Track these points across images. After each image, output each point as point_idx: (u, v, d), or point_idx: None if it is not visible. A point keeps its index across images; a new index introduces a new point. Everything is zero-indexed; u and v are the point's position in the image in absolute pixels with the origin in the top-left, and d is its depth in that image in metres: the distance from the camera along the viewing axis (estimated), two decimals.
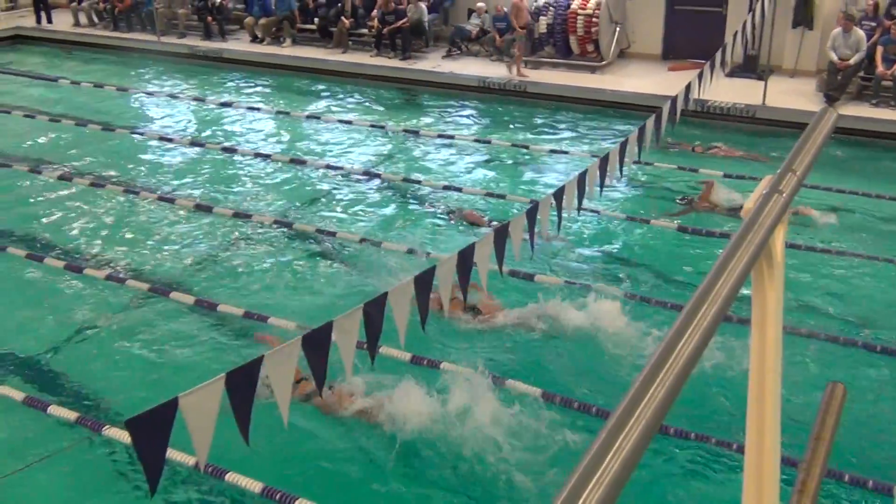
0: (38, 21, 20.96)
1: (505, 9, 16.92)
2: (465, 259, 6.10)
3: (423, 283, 5.78)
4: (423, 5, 17.45)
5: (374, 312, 5.29)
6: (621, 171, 8.67)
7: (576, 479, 0.78)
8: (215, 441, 3.93)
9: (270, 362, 4.55)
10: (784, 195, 1.38)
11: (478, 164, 12.74)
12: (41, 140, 13.90)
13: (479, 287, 7.69)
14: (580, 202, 7.84)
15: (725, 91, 13.95)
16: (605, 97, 14.98)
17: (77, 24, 20.89)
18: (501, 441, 6.38)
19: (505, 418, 6.64)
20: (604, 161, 8.09)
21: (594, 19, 16.03)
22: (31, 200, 11.37)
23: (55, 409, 6.67)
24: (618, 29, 16.48)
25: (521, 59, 15.85)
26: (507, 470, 6.12)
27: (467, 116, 15.18)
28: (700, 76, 10.17)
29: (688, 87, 9.84)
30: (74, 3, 21.19)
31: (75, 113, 15.07)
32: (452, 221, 10.50)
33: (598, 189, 8.04)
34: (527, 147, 13.16)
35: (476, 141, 13.61)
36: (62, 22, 21.06)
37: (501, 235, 6.51)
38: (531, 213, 6.93)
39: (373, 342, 5.32)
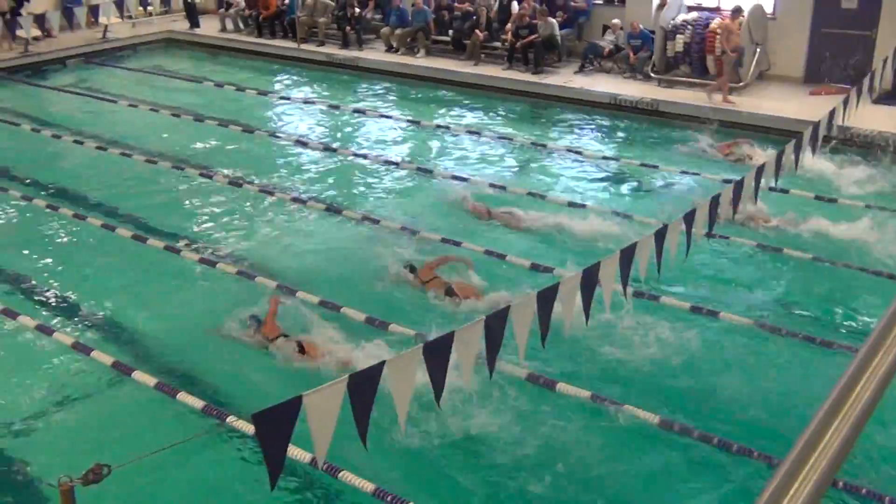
0: (192, 26, 22.03)
1: (641, 26, 16.63)
2: (590, 277, 6.03)
3: (546, 298, 5.75)
4: (554, 20, 17.37)
5: (496, 325, 5.30)
6: (756, 196, 8.40)
7: None
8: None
9: (391, 368, 4.61)
10: None
11: (605, 182, 12.56)
12: (185, 139, 14.59)
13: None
14: (711, 226, 7.64)
15: (871, 118, 13.28)
16: (741, 119, 14.51)
17: (224, 29, 21.86)
18: (623, 473, 6.28)
19: (621, 445, 6.53)
20: (738, 185, 7.86)
21: None
22: (173, 195, 11.95)
23: (183, 397, 6.94)
24: (758, 50, 15.96)
25: (727, 84, 15.06)
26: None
27: (597, 133, 15.01)
28: (845, 101, 9.76)
29: (832, 113, 9.46)
30: (222, 10, 22.26)
31: (218, 114, 15.74)
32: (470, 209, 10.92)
33: (732, 214, 7.82)
34: (656, 167, 12.89)
35: (604, 158, 13.44)
36: (210, 27, 22.07)
37: (628, 256, 6.41)
38: (660, 235, 6.80)
39: (493, 354, 5.33)
